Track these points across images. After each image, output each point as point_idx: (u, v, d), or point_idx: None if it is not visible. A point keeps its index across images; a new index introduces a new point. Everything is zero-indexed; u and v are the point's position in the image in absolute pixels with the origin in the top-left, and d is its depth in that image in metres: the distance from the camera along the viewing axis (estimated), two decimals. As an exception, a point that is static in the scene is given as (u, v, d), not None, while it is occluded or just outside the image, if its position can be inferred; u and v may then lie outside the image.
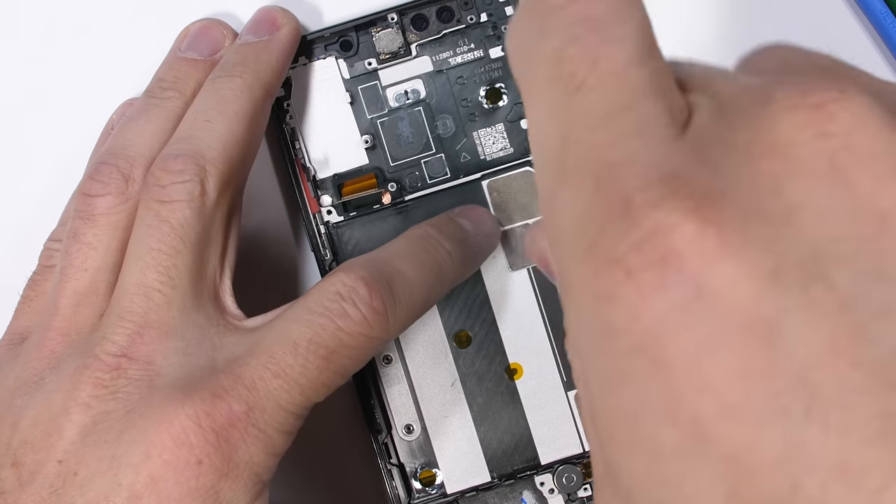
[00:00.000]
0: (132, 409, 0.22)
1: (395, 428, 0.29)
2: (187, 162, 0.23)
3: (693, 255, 0.12)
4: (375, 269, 0.24)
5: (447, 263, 0.25)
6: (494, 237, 0.28)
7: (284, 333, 0.23)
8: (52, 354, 0.23)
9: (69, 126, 0.30)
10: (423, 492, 0.29)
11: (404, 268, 0.24)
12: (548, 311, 0.29)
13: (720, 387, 0.12)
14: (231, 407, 0.22)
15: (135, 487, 0.21)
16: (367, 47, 0.29)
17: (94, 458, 0.21)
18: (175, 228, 0.23)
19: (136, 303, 0.23)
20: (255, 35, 0.27)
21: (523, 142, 0.29)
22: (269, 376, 0.22)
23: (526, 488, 0.29)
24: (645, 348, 0.12)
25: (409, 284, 0.24)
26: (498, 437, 0.29)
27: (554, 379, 0.29)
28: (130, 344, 0.23)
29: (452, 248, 0.26)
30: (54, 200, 0.28)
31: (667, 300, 0.12)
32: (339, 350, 0.23)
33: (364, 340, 0.23)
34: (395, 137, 0.29)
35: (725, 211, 0.12)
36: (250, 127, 0.25)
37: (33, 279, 0.26)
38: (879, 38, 0.29)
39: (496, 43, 0.29)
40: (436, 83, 0.29)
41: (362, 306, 0.23)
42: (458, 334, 0.29)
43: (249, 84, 0.25)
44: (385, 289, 0.23)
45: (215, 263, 0.24)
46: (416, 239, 0.25)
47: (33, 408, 0.22)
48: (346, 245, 0.29)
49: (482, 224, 0.27)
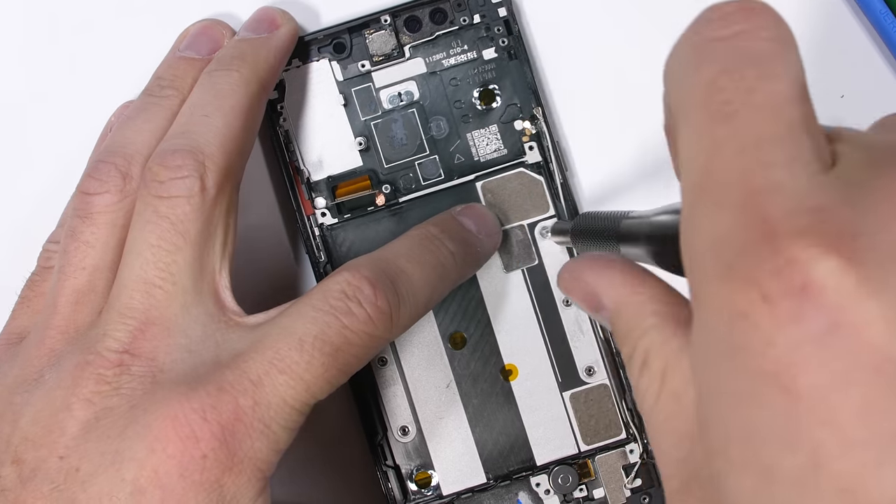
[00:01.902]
0: (135, 404, 0.22)
1: (390, 430, 0.29)
2: (186, 157, 0.23)
3: (833, 289, 0.13)
4: (379, 268, 0.24)
5: (450, 263, 0.25)
6: (496, 236, 0.28)
7: (290, 330, 0.23)
8: (52, 352, 0.23)
9: (69, 126, 0.30)
10: (418, 493, 0.28)
11: (408, 267, 0.24)
12: (542, 312, 0.29)
13: (845, 422, 0.12)
14: (237, 401, 0.22)
15: (138, 482, 0.21)
16: (360, 49, 0.29)
17: (96, 453, 0.21)
18: (175, 224, 0.23)
19: (137, 299, 0.23)
20: (254, 32, 0.27)
21: (517, 143, 0.29)
22: (274, 372, 0.22)
23: (522, 489, 0.29)
24: (776, 374, 0.13)
25: (412, 284, 0.24)
26: (493, 438, 0.29)
27: (549, 380, 0.29)
28: (133, 340, 0.23)
29: (455, 248, 0.26)
30: (54, 201, 0.28)
31: (803, 331, 0.13)
32: (343, 348, 0.23)
33: (368, 339, 0.23)
34: (389, 139, 0.29)
35: (867, 252, 0.13)
36: (247, 122, 0.25)
37: (32, 280, 0.26)
38: (879, 38, 0.29)
39: (489, 44, 0.29)
40: (429, 85, 0.29)
41: (367, 305, 0.23)
42: (452, 336, 0.29)
43: (246, 79, 0.25)
44: (389, 288, 0.23)
45: (215, 259, 0.24)
46: (420, 238, 0.25)
47: (34, 405, 0.22)
48: (340, 247, 0.29)
49: (484, 223, 0.27)
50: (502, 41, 0.29)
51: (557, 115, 0.30)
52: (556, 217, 0.29)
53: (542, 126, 0.29)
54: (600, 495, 0.29)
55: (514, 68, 0.29)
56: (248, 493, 0.22)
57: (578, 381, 0.29)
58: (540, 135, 0.29)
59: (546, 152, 0.29)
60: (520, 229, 0.29)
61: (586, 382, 0.29)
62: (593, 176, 0.30)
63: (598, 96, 0.30)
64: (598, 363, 0.29)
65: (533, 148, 0.29)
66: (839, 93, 0.30)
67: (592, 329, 0.29)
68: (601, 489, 0.29)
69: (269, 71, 0.26)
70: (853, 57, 0.30)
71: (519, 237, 0.29)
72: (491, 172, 0.29)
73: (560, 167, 0.29)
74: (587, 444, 0.29)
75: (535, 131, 0.29)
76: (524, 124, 0.29)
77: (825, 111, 0.29)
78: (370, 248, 0.28)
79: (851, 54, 0.30)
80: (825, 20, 0.30)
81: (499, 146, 0.29)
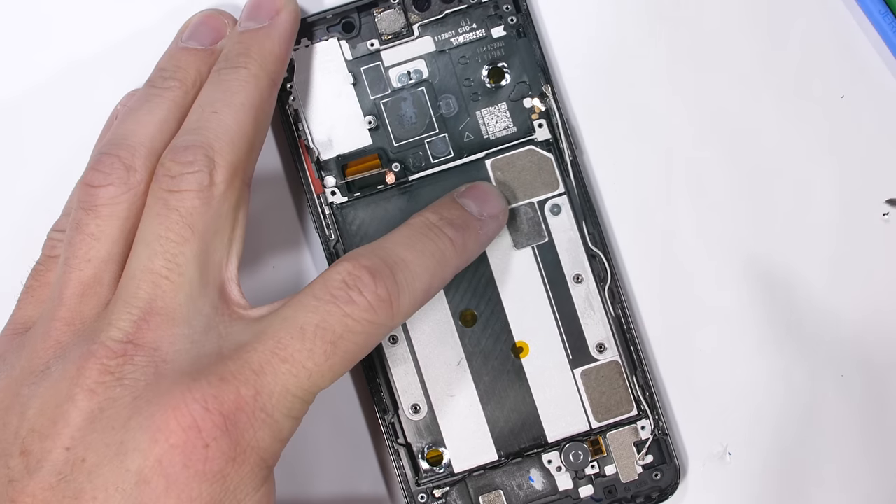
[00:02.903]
0: (139, 395, 0.22)
1: (401, 408, 0.29)
2: (196, 153, 0.24)
3: None
4: (379, 258, 0.24)
5: (449, 250, 0.25)
6: (502, 215, 0.28)
7: (291, 320, 0.23)
8: (58, 344, 0.23)
9: (71, 117, 0.30)
10: (430, 471, 0.29)
11: (407, 256, 0.24)
12: (553, 289, 0.29)
13: None
14: (239, 391, 0.22)
15: (143, 472, 0.21)
16: (369, 28, 0.29)
17: (101, 444, 0.22)
18: (184, 217, 0.23)
19: (143, 289, 0.23)
20: (256, 20, 0.27)
21: (526, 120, 0.29)
22: (276, 361, 0.22)
23: (533, 466, 0.29)
24: None
25: (411, 272, 0.24)
26: (504, 415, 0.29)
27: (560, 357, 0.29)
28: (136, 330, 0.23)
29: (455, 235, 0.26)
30: (57, 192, 0.28)
31: None
32: (345, 335, 0.23)
33: (369, 327, 0.23)
34: (399, 118, 0.29)
35: None
36: (257, 117, 0.25)
37: (36, 269, 0.26)
38: (879, 38, 0.29)
39: (498, 22, 0.29)
40: (438, 63, 0.29)
41: (368, 293, 0.23)
42: (463, 313, 0.29)
43: (255, 74, 0.25)
44: (389, 277, 0.24)
45: (222, 253, 0.24)
46: (418, 227, 0.26)
47: (40, 396, 0.22)
48: (350, 225, 0.29)
49: (487, 204, 0.27)
50: (511, 19, 0.29)
51: (566, 92, 0.30)
52: (565, 195, 0.29)
53: (552, 103, 0.29)
54: (612, 472, 0.29)
55: (522, 46, 0.29)
56: (251, 482, 0.22)
57: (589, 358, 0.29)
58: (549, 112, 0.29)
59: (555, 129, 0.29)
60: (529, 207, 0.29)
61: (597, 359, 0.29)
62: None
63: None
64: (609, 340, 0.29)
65: (542, 125, 0.29)
66: (839, 93, 0.30)
67: (603, 306, 0.29)
68: (612, 466, 0.29)
69: (276, 62, 0.26)
70: (853, 57, 0.30)
71: (529, 215, 0.29)
72: (500, 150, 0.29)
73: (570, 144, 0.29)
74: (598, 420, 0.29)
75: (544, 109, 0.29)
76: (533, 102, 0.29)
77: (825, 111, 0.29)
78: (380, 226, 0.28)
79: (851, 54, 0.30)
80: (825, 20, 0.30)
81: (508, 124, 0.29)
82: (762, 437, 0.30)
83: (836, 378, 0.30)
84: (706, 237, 0.30)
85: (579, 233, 0.29)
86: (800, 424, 0.30)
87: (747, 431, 0.30)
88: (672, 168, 0.30)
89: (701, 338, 0.30)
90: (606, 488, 0.29)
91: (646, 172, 0.30)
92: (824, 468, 0.30)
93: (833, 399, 0.30)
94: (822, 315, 0.30)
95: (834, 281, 0.30)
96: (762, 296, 0.30)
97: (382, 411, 0.28)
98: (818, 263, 0.30)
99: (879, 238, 0.30)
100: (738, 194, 0.30)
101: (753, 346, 0.30)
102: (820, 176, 0.30)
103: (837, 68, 0.30)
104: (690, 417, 0.30)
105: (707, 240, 0.30)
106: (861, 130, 0.30)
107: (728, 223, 0.30)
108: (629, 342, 0.29)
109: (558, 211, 0.29)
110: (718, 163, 0.30)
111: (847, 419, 0.30)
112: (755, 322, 0.30)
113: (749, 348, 0.30)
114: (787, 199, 0.30)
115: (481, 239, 0.27)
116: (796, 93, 0.30)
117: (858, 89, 0.30)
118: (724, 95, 0.30)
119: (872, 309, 0.30)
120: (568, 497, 0.29)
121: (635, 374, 0.29)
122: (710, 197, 0.30)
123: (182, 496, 0.21)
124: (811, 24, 0.30)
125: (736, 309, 0.30)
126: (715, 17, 0.30)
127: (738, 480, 0.30)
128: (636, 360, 0.29)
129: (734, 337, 0.30)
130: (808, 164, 0.30)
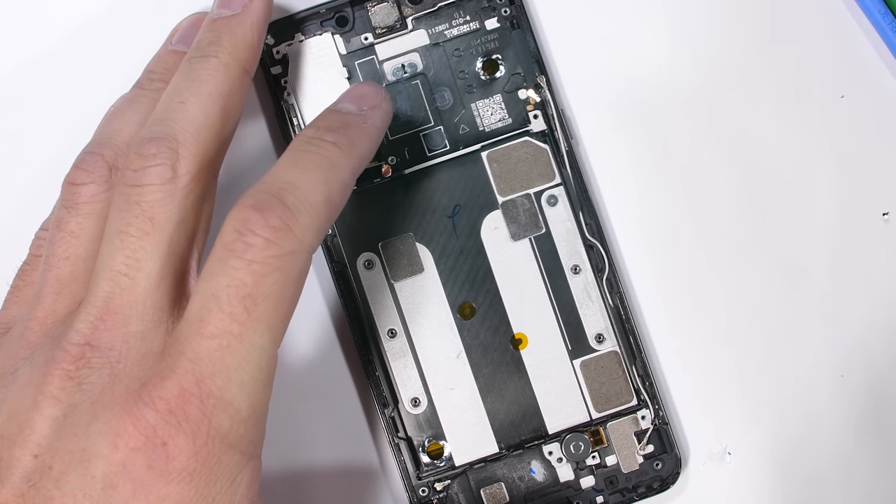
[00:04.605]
0: (96, 399, 0.22)
1: (401, 402, 0.28)
2: (160, 145, 0.23)
3: None
4: (262, 192, 0.23)
5: (336, 154, 0.24)
6: (384, 103, 0.26)
7: (204, 292, 0.22)
8: (30, 345, 0.23)
9: (62, 117, 0.29)
10: (431, 465, 0.28)
11: (291, 177, 0.23)
12: (550, 280, 0.29)
13: None
14: (180, 383, 0.21)
15: (108, 478, 0.21)
16: (362, 22, 0.29)
17: (66, 451, 0.21)
18: (145, 210, 0.23)
19: (103, 287, 0.23)
20: (229, 8, 0.26)
21: (521, 112, 0.29)
22: (204, 340, 0.21)
23: (534, 458, 0.29)
24: None
25: (302, 190, 0.23)
26: (505, 407, 0.28)
27: (559, 348, 0.29)
28: (93, 331, 0.22)
29: (336, 138, 0.24)
30: (46, 192, 0.28)
31: None
32: (259, 283, 0.22)
33: (279, 262, 0.22)
34: (394, 111, 0.29)
35: None
36: (226, 107, 0.24)
37: (23, 269, 0.26)
38: (879, 38, 0.30)
39: (491, 14, 0.29)
40: (433, 56, 0.29)
41: (260, 230, 0.22)
42: (461, 306, 0.29)
43: (225, 63, 0.25)
44: (278, 205, 0.22)
45: (185, 246, 0.24)
46: (297, 145, 0.24)
47: (9, 401, 0.22)
48: (346, 218, 0.29)
49: (364, 98, 0.26)
50: (504, 11, 0.29)
51: (561, 83, 0.30)
52: (562, 185, 0.29)
53: (547, 94, 0.29)
54: (613, 462, 0.29)
55: (516, 38, 0.29)
56: (224, 473, 0.22)
57: (588, 349, 0.29)
58: (544, 103, 0.29)
59: (551, 120, 0.29)
60: (526, 198, 0.29)
61: (596, 350, 0.29)
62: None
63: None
64: (608, 330, 0.29)
65: (538, 116, 0.29)
66: (839, 93, 0.30)
67: (601, 296, 0.29)
68: (613, 456, 0.29)
69: (248, 50, 0.25)
70: (853, 57, 0.30)
71: (525, 206, 0.29)
72: (496, 142, 0.29)
73: (565, 135, 0.29)
74: (598, 411, 0.29)
75: (539, 100, 0.29)
76: (528, 93, 0.29)
77: (825, 111, 0.29)
78: (377, 219, 0.28)
79: (851, 54, 0.30)
80: (825, 20, 0.30)
81: (503, 116, 0.29)
82: (762, 437, 0.30)
83: (836, 378, 0.30)
84: (703, 227, 0.30)
85: (576, 223, 0.29)
86: (800, 424, 0.30)
87: (747, 431, 0.30)
88: (668, 158, 0.30)
89: (700, 326, 0.30)
90: (608, 479, 0.29)
91: (642, 162, 0.30)
92: (824, 468, 0.30)
93: (833, 399, 0.30)
94: (822, 315, 0.30)
95: (834, 280, 0.30)
96: (761, 293, 0.30)
97: (382, 405, 0.28)
98: (818, 263, 0.30)
99: (879, 238, 0.30)
100: (736, 185, 0.30)
101: (753, 343, 0.30)
102: (819, 176, 0.30)
103: (837, 68, 0.30)
104: (691, 406, 0.30)
105: (704, 229, 0.30)
106: (861, 131, 0.30)
107: (726, 216, 0.30)
108: (628, 332, 0.29)
109: (555, 202, 0.29)
110: (715, 153, 0.30)
111: (847, 419, 0.30)
112: (755, 321, 0.30)
113: (749, 347, 0.30)
114: (786, 197, 0.30)
115: (368, 131, 0.25)
116: (795, 92, 0.30)
117: (858, 89, 0.30)
118: (723, 90, 0.30)
119: (872, 309, 0.30)
120: (569, 488, 0.29)
121: (634, 364, 0.29)
122: (707, 187, 0.30)
123: (150, 497, 0.21)
124: (811, 24, 0.30)
125: (734, 297, 0.30)
126: (716, 21, 0.30)
127: (738, 480, 0.30)
128: (635, 349, 0.29)
129: (732, 325, 0.30)
130: (808, 163, 0.30)
